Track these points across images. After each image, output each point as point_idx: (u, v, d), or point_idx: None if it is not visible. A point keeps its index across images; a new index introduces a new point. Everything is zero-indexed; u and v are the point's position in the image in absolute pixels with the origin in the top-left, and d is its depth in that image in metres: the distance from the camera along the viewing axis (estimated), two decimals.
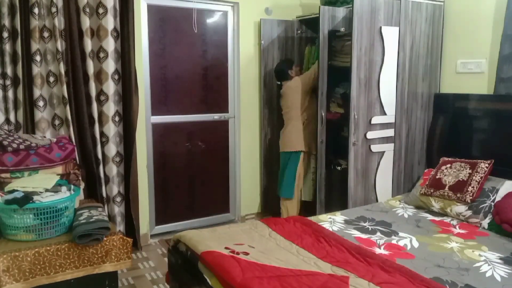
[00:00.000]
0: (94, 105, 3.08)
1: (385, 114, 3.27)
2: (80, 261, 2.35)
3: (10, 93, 2.78)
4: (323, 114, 3.40)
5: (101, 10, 3.01)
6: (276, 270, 1.94)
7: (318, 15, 3.36)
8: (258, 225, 2.58)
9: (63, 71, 2.89)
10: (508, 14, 2.89)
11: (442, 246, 2.33)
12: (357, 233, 2.50)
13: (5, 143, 2.48)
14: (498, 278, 1.98)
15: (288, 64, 3.73)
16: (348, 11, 3.41)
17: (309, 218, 2.74)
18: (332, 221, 2.69)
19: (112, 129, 3.18)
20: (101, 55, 3.07)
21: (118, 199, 3.29)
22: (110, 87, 3.13)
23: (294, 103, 3.61)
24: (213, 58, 3.86)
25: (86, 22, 2.98)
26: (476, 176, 2.75)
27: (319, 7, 3.37)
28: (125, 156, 3.29)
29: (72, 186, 2.58)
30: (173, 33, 3.65)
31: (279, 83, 3.76)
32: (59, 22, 2.88)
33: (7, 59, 2.74)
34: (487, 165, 2.79)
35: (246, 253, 2.11)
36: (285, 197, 3.75)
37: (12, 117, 2.81)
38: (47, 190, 2.40)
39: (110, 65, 3.10)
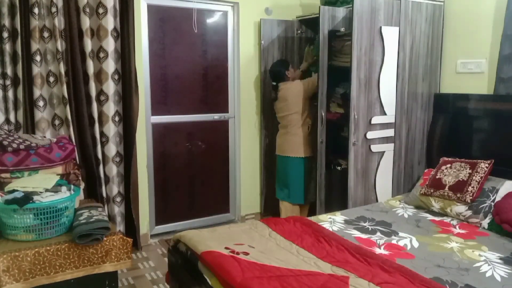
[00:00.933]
0: (94, 105, 3.08)
1: (385, 114, 3.27)
2: (80, 261, 2.35)
3: (10, 93, 2.78)
4: (323, 114, 3.40)
5: (101, 10, 3.01)
6: (276, 270, 1.94)
7: (318, 15, 3.36)
8: (258, 225, 2.58)
9: (63, 71, 2.89)
10: (508, 14, 2.89)
11: (442, 246, 2.33)
12: (357, 233, 2.50)
13: (5, 143, 2.48)
14: (498, 278, 1.98)
15: (285, 65, 3.69)
16: (348, 11, 3.41)
17: (309, 218, 2.75)
18: (332, 221, 2.69)
19: (112, 129, 3.18)
20: (101, 55, 3.07)
21: (118, 199, 3.29)
22: (110, 87, 3.13)
23: (296, 107, 3.57)
24: (213, 58, 3.86)
25: (86, 22, 2.98)
26: (476, 176, 2.75)
27: (319, 7, 3.37)
28: (125, 156, 3.29)
29: (72, 186, 2.58)
30: (173, 33, 3.65)
31: (274, 83, 3.71)
32: (59, 22, 2.88)
33: (7, 59, 2.75)
34: (487, 165, 2.79)
35: (246, 253, 2.11)
36: (297, 203, 3.75)
37: (12, 117, 2.81)
38: (47, 190, 2.40)
39: (110, 65, 3.10)
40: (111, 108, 3.16)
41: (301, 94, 3.56)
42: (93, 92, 3.07)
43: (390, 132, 3.32)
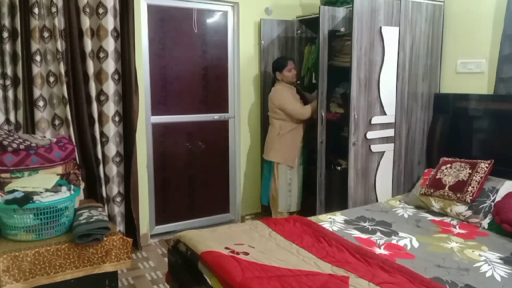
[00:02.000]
0: (94, 105, 3.08)
1: (385, 114, 3.27)
2: (80, 261, 2.36)
3: (10, 93, 2.78)
4: (323, 114, 3.40)
5: (101, 10, 3.01)
6: (276, 270, 1.94)
7: (318, 15, 3.36)
8: (258, 225, 2.58)
9: (63, 71, 2.89)
10: (508, 14, 2.89)
11: (442, 246, 2.33)
12: (357, 233, 2.50)
13: (5, 143, 2.48)
14: (498, 278, 1.98)
15: (279, 64, 3.57)
16: (348, 11, 3.41)
17: (309, 218, 2.74)
18: (332, 221, 2.69)
19: (112, 129, 3.18)
20: (101, 55, 3.07)
21: (118, 199, 3.29)
22: (110, 87, 3.13)
23: (273, 113, 3.59)
24: (213, 58, 3.86)
25: (86, 22, 2.98)
26: (476, 176, 2.75)
27: (319, 7, 3.37)
28: (125, 156, 3.29)
29: (72, 186, 2.58)
30: (173, 33, 3.65)
31: (273, 75, 3.67)
32: (59, 22, 2.88)
33: (7, 59, 2.74)
34: (487, 165, 2.79)
35: (246, 253, 2.11)
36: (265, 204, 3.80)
37: (12, 117, 2.81)
38: (47, 190, 2.40)
39: (110, 65, 3.10)
40: (111, 108, 3.16)
41: (279, 106, 3.52)
42: (93, 92, 3.07)
43: (390, 132, 3.32)
